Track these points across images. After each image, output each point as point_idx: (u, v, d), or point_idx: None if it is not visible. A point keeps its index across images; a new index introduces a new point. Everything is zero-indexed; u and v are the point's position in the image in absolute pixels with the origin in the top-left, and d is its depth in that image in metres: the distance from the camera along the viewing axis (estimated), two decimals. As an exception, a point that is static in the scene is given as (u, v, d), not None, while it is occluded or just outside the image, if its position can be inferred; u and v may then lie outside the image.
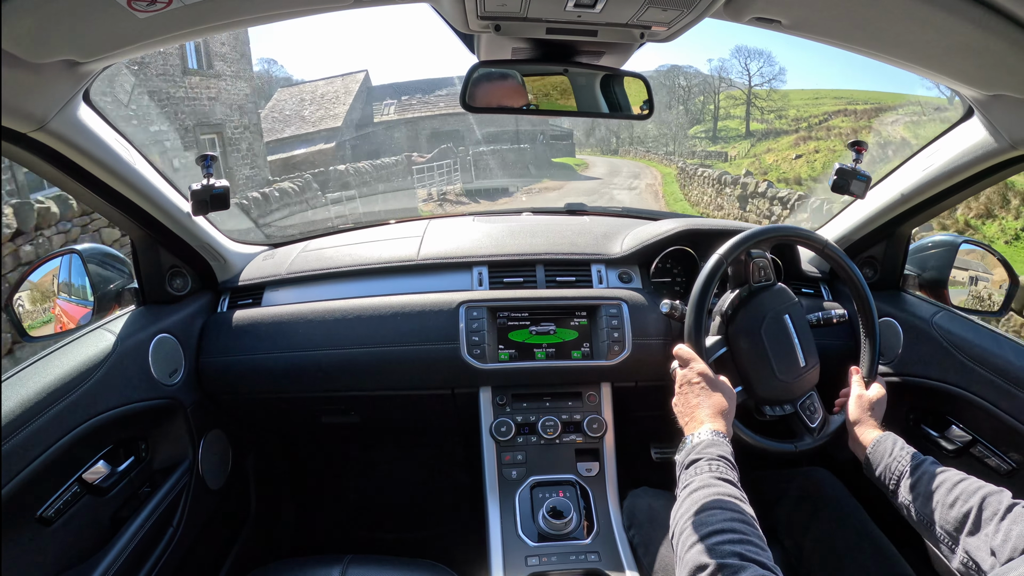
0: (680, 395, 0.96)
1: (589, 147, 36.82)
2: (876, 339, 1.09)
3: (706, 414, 0.89)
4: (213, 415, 1.31)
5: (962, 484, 0.78)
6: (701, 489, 0.75)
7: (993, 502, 0.73)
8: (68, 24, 0.64)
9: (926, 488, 0.82)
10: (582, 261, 1.36)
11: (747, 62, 36.67)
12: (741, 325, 1.07)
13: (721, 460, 0.79)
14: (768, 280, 1.11)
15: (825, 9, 0.71)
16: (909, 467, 0.86)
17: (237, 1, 0.67)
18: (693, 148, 32.30)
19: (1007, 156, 0.95)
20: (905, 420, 1.26)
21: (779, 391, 1.05)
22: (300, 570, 1.04)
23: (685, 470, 0.81)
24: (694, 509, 0.72)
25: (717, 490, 0.74)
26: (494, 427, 1.21)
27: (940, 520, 0.77)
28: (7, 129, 0.78)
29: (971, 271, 1.28)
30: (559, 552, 1.04)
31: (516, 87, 0.96)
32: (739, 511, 0.71)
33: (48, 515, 0.89)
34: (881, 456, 0.91)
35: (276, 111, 24.07)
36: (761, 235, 1.09)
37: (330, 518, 1.79)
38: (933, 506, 0.79)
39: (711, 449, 0.81)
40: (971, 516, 0.74)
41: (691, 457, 0.81)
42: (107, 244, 1.43)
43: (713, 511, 0.70)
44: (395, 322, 1.25)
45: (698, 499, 0.73)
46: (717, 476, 0.77)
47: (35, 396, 0.85)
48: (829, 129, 25.87)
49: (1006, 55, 0.69)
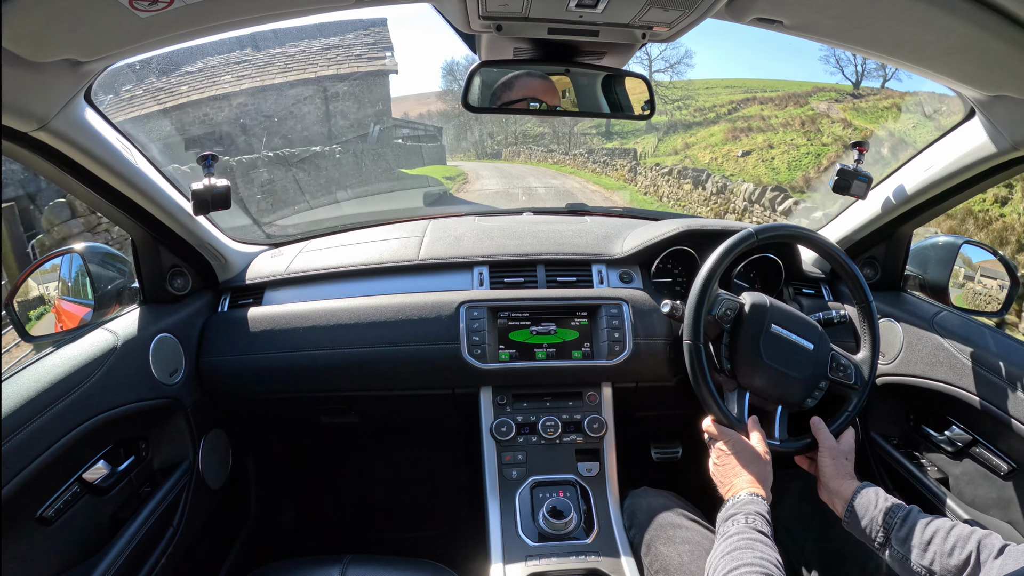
0: (718, 466, 0.98)
1: (463, 151, 28.40)
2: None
3: (745, 481, 0.92)
4: (213, 415, 1.31)
5: (955, 531, 0.80)
6: (735, 536, 0.81)
7: (988, 544, 0.75)
8: (69, 23, 0.64)
9: (920, 539, 0.82)
10: (583, 261, 1.36)
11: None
12: (746, 369, 1.06)
13: (758, 516, 0.84)
14: (733, 311, 1.08)
15: (827, 10, 0.71)
16: (897, 519, 0.86)
17: (238, 1, 0.67)
18: (589, 146, 24.50)
19: (1008, 157, 0.95)
20: (905, 420, 1.26)
21: (809, 383, 1.06)
22: (300, 570, 1.04)
23: (724, 524, 0.86)
24: (728, 549, 0.79)
25: (750, 536, 0.80)
26: (494, 427, 1.21)
27: (940, 569, 0.78)
28: (8, 128, 0.78)
29: (972, 271, 1.28)
30: (559, 552, 1.04)
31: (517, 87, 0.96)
32: (768, 555, 0.77)
33: (48, 515, 0.89)
34: (866, 509, 0.89)
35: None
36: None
37: (330, 518, 1.79)
38: (932, 556, 0.79)
39: (749, 506, 0.86)
40: (971, 561, 0.75)
41: (730, 512, 0.87)
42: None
43: (745, 550, 0.77)
44: (396, 322, 1.25)
45: (732, 542, 0.80)
46: (751, 526, 0.82)
47: (35, 396, 0.85)
48: (760, 120, 20.41)
49: (1007, 56, 0.69)
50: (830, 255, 1.12)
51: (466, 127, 28.73)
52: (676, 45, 27.80)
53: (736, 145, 19.47)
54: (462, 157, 27.13)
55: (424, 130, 20.20)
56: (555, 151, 24.82)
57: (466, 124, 28.26)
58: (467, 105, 0.95)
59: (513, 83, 0.96)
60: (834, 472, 0.98)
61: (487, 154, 29.18)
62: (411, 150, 16.92)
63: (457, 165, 20.81)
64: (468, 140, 29.45)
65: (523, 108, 0.98)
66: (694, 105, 25.00)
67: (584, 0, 0.70)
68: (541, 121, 25.41)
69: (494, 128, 28.97)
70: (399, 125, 18.02)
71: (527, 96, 0.96)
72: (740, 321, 1.07)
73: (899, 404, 1.25)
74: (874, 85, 21.81)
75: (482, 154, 29.12)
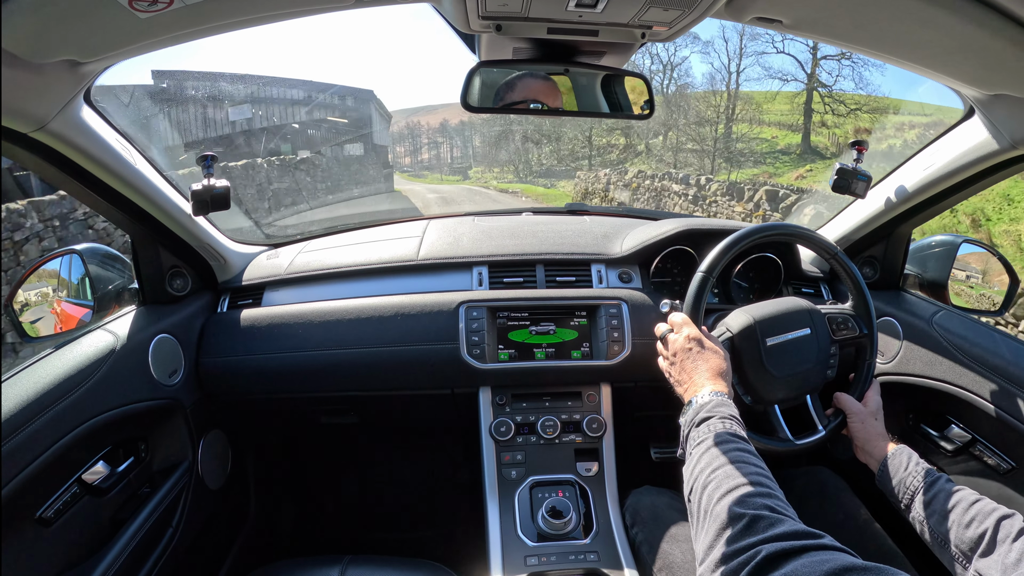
0: (674, 362, 0.95)
1: (428, 168, 24.35)
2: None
3: (705, 377, 0.88)
4: (213, 415, 1.31)
5: (977, 505, 0.79)
6: (719, 445, 0.73)
7: (1007, 525, 0.74)
8: (69, 24, 0.64)
9: (942, 506, 0.82)
10: (582, 261, 1.36)
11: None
12: (766, 391, 1.06)
13: (732, 419, 0.79)
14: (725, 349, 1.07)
15: (826, 9, 0.71)
16: (924, 484, 0.86)
17: (238, 1, 0.67)
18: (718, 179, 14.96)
19: (1008, 156, 0.95)
20: (905, 420, 1.26)
21: (822, 361, 1.08)
22: (300, 570, 1.04)
23: (696, 428, 0.80)
24: (715, 464, 0.71)
25: (736, 446, 0.73)
26: (494, 427, 1.21)
27: (955, 539, 0.78)
28: (8, 129, 0.78)
29: (971, 271, 1.28)
30: (558, 552, 1.04)
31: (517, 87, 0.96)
32: (761, 467, 0.70)
33: (48, 515, 0.89)
34: (896, 470, 0.92)
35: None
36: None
37: (330, 518, 1.79)
38: (949, 525, 0.80)
39: (719, 408, 0.81)
40: (986, 537, 0.75)
41: (700, 416, 0.81)
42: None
43: (737, 464, 0.70)
44: (395, 322, 1.25)
45: (717, 454, 0.72)
46: (731, 433, 0.76)
47: (35, 396, 0.85)
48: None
49: (1007, 55, 0.69)
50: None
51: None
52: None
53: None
54: (431, 179, 25.84)
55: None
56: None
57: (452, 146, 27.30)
58: (466, 105, 0.95)
59: (513, 83, 0.96)
60: (866, 435, 1.01)
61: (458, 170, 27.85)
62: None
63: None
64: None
65: (523, 108, 0.98)
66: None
67: (584, 0, 0.70)
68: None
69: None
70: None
71: (527, 96, 0.96)
72: (736, 351, 1.06)
73: (898, 403, 1.25)
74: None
75: (455, 171, 27.89)
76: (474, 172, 27.43)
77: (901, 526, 1.19)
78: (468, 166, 28.04)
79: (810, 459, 1.49)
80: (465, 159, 28.36)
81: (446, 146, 29.85)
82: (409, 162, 31.99)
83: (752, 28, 10.54)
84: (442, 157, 30.62)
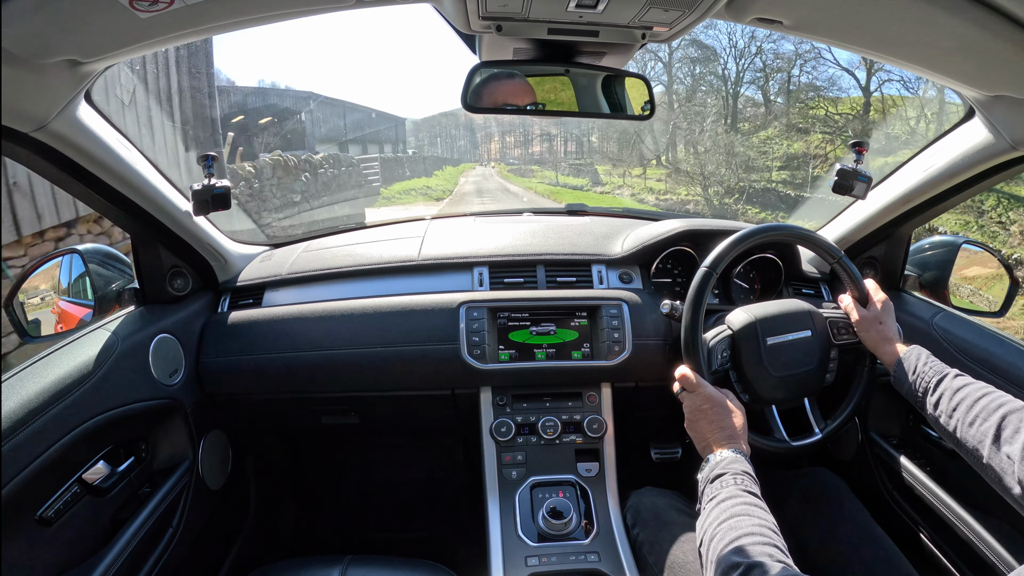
0: (692, 422, 0.97)
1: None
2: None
3: (722, 436, 0.91)
4: (213, 415, 1.31)
5: (982, 401, 0.82)
6: (729, 499, 0.78)
7: (1013, 421, 0.77)
8: (69, 24, 0.64)
9: (947, 404, 0.86)
10: (582, 261, 1.36)
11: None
12: (764, 391, 1.07)
13: (745, 475, 0.82)
14: (726, 354, 1.07)
15: (827, 9, 0.71)
16: (933, 383, 0.90)
17: (239, 1, 0.67)
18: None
19: (1008, 157, 0.95)
20: (904, 420, 1.26)
21: (821, 364, 1.09)
22: (300, 570, 1.03)
23: (710, 484, 0.84)
24: (724, 516, 0.75)
25: (744, 500, 0.77)
26: (494, 427, 1.21)
27: (961, 436, 0.82)
28: (8, 129, 0.78)
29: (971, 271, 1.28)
30: (559, 552, 1.04)
31: (517, 87, 0.96)
32: (766, 519, 0.74)
33: (48, 515, 0.89)
34: (906, 373, 0.95)
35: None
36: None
37: (330, 518, 1.79)
38: (955, 422, 0.84)
39: (734, 465, 0.84)
40: (990, 434, 0.78)
41: (715, 472, 0.84)
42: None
43: (742, 517, 0.74)
44: (395, 322, 1.25)
45: (727, 507, 0.77)
46: (743, 488, 0.80)
47: (35, 396, 0.85)
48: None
49: (1007, 56, 0.69)
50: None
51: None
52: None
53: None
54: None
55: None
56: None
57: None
58: (467, 105, 0.95)
59: (514, 84, 0.96)
60: (872, 342, 1.05)
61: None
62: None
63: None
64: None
65: (523, 109, 0.97)
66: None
67: (584, 1, 0.70)
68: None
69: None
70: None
71: (527, 97, 0.96)
72: (736, 349, 1.07)
73: (898, 404, 1.25)
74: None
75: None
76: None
77: (901, 527, 1.19)
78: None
79: (811, 461, 1.49)
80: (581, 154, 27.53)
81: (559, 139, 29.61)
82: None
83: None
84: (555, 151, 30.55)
